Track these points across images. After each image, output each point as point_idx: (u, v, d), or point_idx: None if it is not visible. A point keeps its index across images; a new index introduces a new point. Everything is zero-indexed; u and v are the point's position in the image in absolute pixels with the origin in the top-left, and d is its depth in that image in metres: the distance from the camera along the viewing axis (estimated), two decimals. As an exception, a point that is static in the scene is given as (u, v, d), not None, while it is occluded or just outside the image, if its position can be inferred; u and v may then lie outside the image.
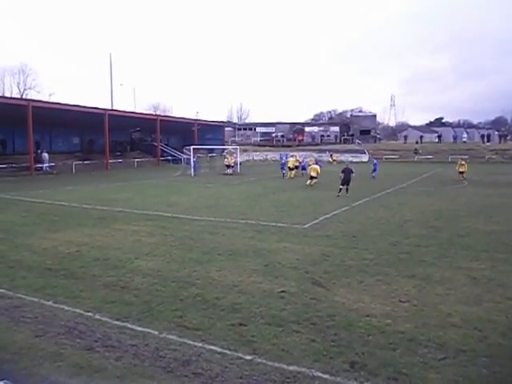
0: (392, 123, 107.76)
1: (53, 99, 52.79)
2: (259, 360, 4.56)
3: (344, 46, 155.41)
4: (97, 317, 5.76)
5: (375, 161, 32.87)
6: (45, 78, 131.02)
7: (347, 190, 19.38)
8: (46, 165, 37.18)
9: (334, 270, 7.90)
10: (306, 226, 12.19)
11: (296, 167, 30.15)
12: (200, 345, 4.92)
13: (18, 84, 72.65)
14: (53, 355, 4.67)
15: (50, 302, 6.30)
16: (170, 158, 50.78)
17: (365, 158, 54.34)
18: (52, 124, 42.14)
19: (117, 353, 4.72)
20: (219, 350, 4.80)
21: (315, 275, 7.54)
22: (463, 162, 29.08)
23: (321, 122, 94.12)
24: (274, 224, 12.43)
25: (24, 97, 63.01)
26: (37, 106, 34.71)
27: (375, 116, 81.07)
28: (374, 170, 29.80)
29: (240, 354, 4.68)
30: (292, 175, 29.06)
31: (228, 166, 33.58)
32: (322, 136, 74.40)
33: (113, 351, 4.76)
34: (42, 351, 4.77)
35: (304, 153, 50.06)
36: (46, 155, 37.81)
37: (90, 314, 5.86)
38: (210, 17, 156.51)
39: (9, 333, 5.28)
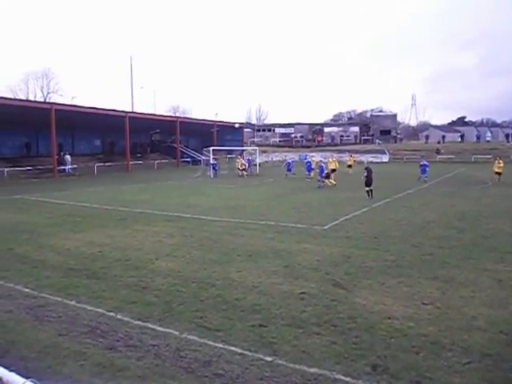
0: (413, 123, 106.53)
1: (75, 102, 53.80)
2: (280, 362, 4.54)
3: (364, 46, 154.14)
4: (118, 317, 5.82)
5: (423, 162, 28.29)
6: (67, 81, 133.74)
7: (371, 192, 18.43)
8: (69, 167, 37.93)
9: (354, 271, 7.82)
10: (326, 227, 12.10)
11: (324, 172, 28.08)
12: (220, 345, 4.92)
13: (42, 88, 74.48)
14: (76, 354, 4.74)
15: (73, 302, 6.40)
16: (189, 159, 51.19)
17: (385, 158, 53.79)
18: (74, 127, 42.97)
19: (138, 353, 4.77)
20: (239, 351, 4.79)
21: (336, 277, 7.48)
22: (500, 162, 25.38)
23: (340, 122, 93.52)
24: (293, 225, 12.38)
25: (47, 100, 64.30)
26: (60, 109, 35.46)
27: (396, 116, 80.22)
28: (424, 172, 26.45)
29: (260, 356, 4.67)
30: (332, 181, 25.03)
31: (241, 169, 33.28)
32: (342, 136, 73.99)
33: (135, 351, 4.81)
34: (65, 350, 4.84)
35: (323, 153, 49.83)
36: (68, 157, 38.59)
37: (111, 313, 5.93)
38: (229, 18, 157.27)
39: (34, 331, 5.38)
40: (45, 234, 11.40)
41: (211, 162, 34.54)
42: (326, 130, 77.91)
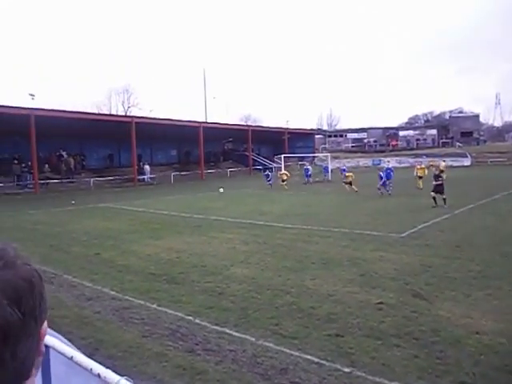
0: (498, 123, 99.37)
1: (153, 115, 56.77)
2: (358, 373, 4.41)
3: (440, 44, 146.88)
4: (197, 321, 6.00)
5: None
6: (145, 95, 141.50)
7: (444, 200, 16.82)
8: (148, 176, 40.02)
9: (436, 281, 7.41)
10: (404, 234, 11.62)
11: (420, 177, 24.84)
12: (297, 354, 4.89)
13: (123, 102, 79.25)
14: (158, 355, 4.95)
15: (155, 305, 6.69)
16: (261, 167, 51.82)
17: (466, 161, 50.75)
18: (152, 138, 45.27)
19: (216, 357, 4.87)
20: (316, 360, 4.73)
21: (415, 287, 7.13)
22: None
23: (416, 125, 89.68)
24: (368, 232, 12.04)
25: (128, 114, 68.43)
26: (139, 121, 37.61)
27: (478, 116, 75.35)
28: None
29: (338, 366, 4.57)
30: (420, 184, 23.92)
31: (282, 180, 30.17)
32: (418, 140, 70.97)
33: (213, 355, 4.92)
34: (148, 351, 5.08)
35: (398, 158, 48.08)
36: (147, 167, 40.76)
37: (190, 317, 6.13)
38: (298, 24, 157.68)
39: (119, 332, 5.71)
40: (127, 240, 12.08)
41: (265, 172, 32.98)
42: (401, 133, 75.12)
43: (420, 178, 24.63)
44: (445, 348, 4.88)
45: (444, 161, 33.98)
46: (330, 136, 79.72)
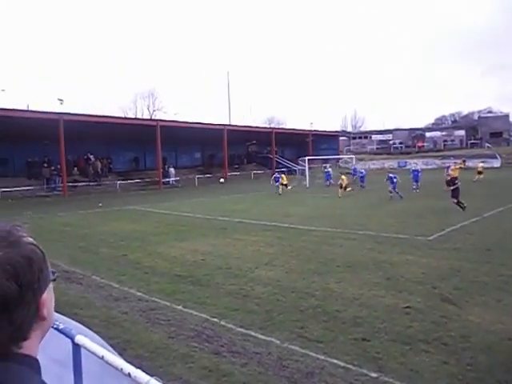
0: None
1: (177, 118, 57.42)
2: (386, 378, 4.34)
3: (467, 42, 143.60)
4: (222, 323, 6.02)
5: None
6: (170, 99, 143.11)
7: (460, 204, 16.12)
8: (173, 179, 40.54)
9: (465, 286, 7.23)
10: (431, 237, 11.40)
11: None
12: (322, 357, 4.85)
13: (148, 106, 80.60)
14: (184, 357, 4.99)
15: (180, 307, 6.76)
16: (284, 169, 51.74)
17: (496, 163, 49.47)
18: (177, 141, 45.77)
19: (242, 359, 4.88)
20: (342, 364, 4.68)
21: (444, 291, 6.98)
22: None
23: (443, 125, 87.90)
24: (394, 235, 11.86)
25: (153, 118, 69.38)
26: (164, 125, 38.12)
27: (508, 116, 73.23)
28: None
29: (365, 371, 4.51)
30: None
31: (284, 185, 28.62)
32: (445, 141, 69.51)
33: (238, 357, 4.93)
34: (174, 352, 5.13)
35: (425, 159, 47.23)
36: (172, 170, 41.29)
37: (215, 319, 6.16)
38: (322, 26, 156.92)
39: (146, 333, 5.79)
40: (153, 242, 12.24)
41: (276, 175, 30.91)
42: (428, 134, 73.74)
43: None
44: (475, 354, 4.76)
45: (483, 161, 33.08)
46: (354, 138, 78.97)
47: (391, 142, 71.99)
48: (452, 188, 16.58)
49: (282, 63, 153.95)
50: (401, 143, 70.68)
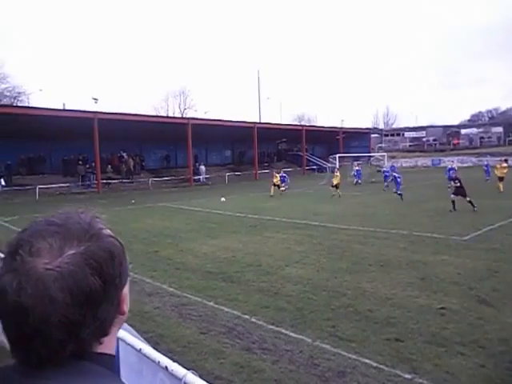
0: None
1: (208, 116, 57.94)
2: (420, 380, 4.25)
3: (504, 36, 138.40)
4: (253, 320, 6.04)
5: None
6: (201, 97, 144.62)
7: (471, 203, 15.78)
8: (203, 176, 40.88)
9: (504, 288, 6.99)
10: (467, 237, 11.07)
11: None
12: (354, 357, 4.79)
13: (179, 105, 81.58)
14: (216, 352, 5.04)
15: (212, 303, 6.82)
16: (315, 167, 51.37)
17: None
18: (207, 139, 46.14)
19: (273, 356, 4.88)
20: (375, 364, 4.61)
21: (481, 292, 6.77)
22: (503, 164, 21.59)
23: (480, 122, 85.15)
24: (428, 235, 11.58)
25: (184, 116, 70.22)
26: (195, 123, 38.49)
27: (549, 112, 70.30)
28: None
29: (398, 372, 4.43)
30: (500, 187, 21.98)
31: (276, 186, 26.28)
32: (482, 138, 67.27)
33: (269, 354, 4.94)
34: (206, 347, 5.18)
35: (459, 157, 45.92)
36: (202, 168, 41.65)
37: (246, 316, 6.19)
38: (352, 21, 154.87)
39: (178, 328, 5.87)
40: (184, 239, 12.39)
41: (282, 174, 28.26)
42: (463, 131, 71.60)
43: (500, 179, 22.50)
44: (515, 358, 4.60)
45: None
46: (386, 135, 77.48)
47: (425, 139, 70.27)
48: (456, 186, 16.29)
49: (312, 60, 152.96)
50: (435, 140, 68.89)
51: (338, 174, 24.50)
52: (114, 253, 0.79)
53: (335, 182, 23.75)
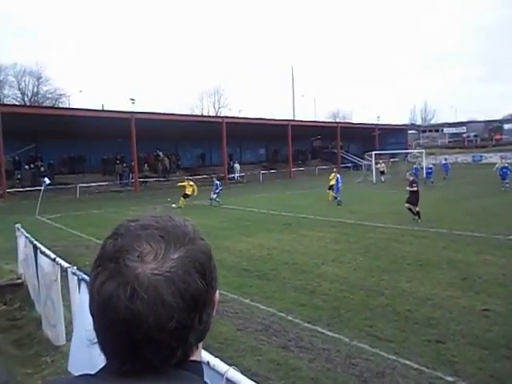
0: None
1: (242, 115, 58.23)
2: (463, 383, 4.12)
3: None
4: (289, 318, 6.03)
5: None
6: (235, 95, 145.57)
7: (415, 213, 14.13)
8: (237, 174, 41.12)
9: (552, 289, 6.69)
10: (511, 236, 10.64)
11: None
12: (393, 358, 4.70)
13: (214, 103, 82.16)
14: (253, 349, 5.06)
15: (248, 300, 6.85)
16: (350, 164, 50.67)
17: None
18: (242, 137, 46.30)
19: (310, 355, 4.85)
20: (415, 365, 4.51)
21: (527, 294, 6.51)
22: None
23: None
24: (470, 233, 11.21)
25: (218, 114, 70.73)
26: (229, 121, 38.74)
27: None
28: None
29: (439, 374, 4.31)
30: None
31: (186, 195, 23.04)
32: (527, 133, 64.40)
33: (306, 353, 4.91)
34: (243, 344, 5.21)
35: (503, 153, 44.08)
36: (237, 166, 41.90)
37: (282, 314, 6.18)
38: (388, 16, 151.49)
39: (216, 324, 5.91)
40: (220, 237, 12.49)
41: (215, 180, 23.65)
42: (506, 126, 68.74)
43: None
44: None
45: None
46: (424, 131, 75.42)
47: (465, 135, 67.98)
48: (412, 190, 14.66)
49: (347, 55, 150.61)
50: (475, 136, 66.51)
51: (333, 174, 21.87)
52: (211, 255, 0.79)
53: (330, 184, 21.43)
